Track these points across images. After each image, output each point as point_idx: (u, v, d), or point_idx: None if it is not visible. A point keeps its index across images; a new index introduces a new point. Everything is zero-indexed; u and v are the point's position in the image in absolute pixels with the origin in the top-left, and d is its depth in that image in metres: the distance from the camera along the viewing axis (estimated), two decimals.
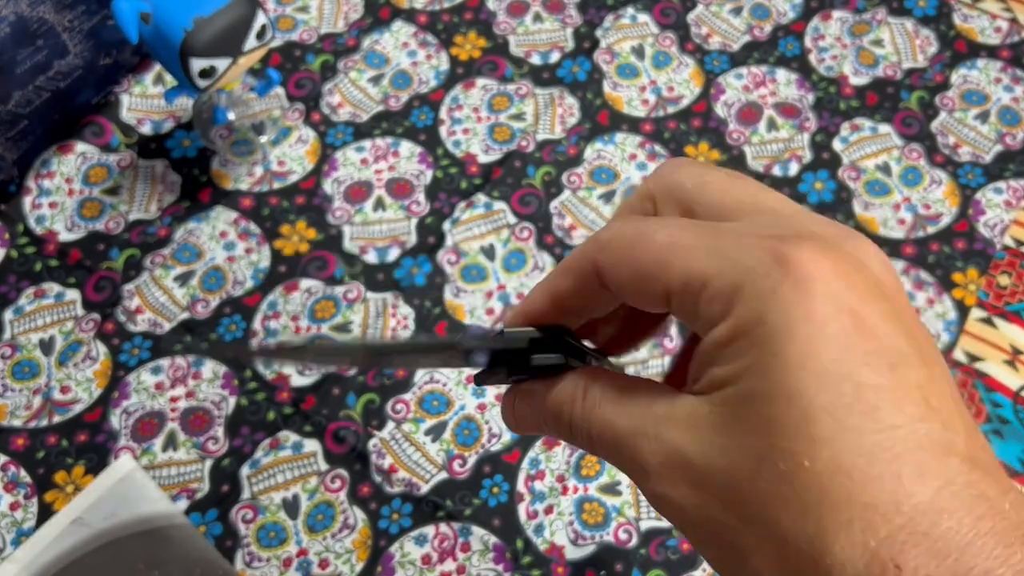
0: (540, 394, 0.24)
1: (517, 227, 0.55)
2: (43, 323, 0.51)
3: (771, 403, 0.17)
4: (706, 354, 0.19)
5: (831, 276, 0.18)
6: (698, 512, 0.18)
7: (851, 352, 0.17)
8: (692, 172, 0.22)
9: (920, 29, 0.62)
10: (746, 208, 0.21)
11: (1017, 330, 0.52)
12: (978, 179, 0.57)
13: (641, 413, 0.20)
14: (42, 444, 0.48)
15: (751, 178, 0.22)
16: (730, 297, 0.18)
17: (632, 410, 0.21)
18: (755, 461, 0.17)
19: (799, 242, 0.18)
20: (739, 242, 0.19)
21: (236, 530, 0.46)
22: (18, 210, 0.55)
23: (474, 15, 0.63)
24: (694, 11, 0.63)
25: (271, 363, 0.49)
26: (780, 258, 0.18)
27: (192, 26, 0.46)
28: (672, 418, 0.19)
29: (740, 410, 0.18)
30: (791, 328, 0.17)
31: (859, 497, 0.16)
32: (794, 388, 0.17)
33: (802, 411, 0.17)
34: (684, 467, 0.19)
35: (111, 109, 0.58)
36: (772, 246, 0.18)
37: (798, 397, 0.17)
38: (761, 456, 0.17)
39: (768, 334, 0.17)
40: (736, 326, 0.18)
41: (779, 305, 0.17)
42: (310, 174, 0.56)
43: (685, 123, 0.59)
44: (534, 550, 0.46)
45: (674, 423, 0.19)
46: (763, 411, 0.17)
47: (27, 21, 0.50)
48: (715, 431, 0.18)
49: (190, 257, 0.54)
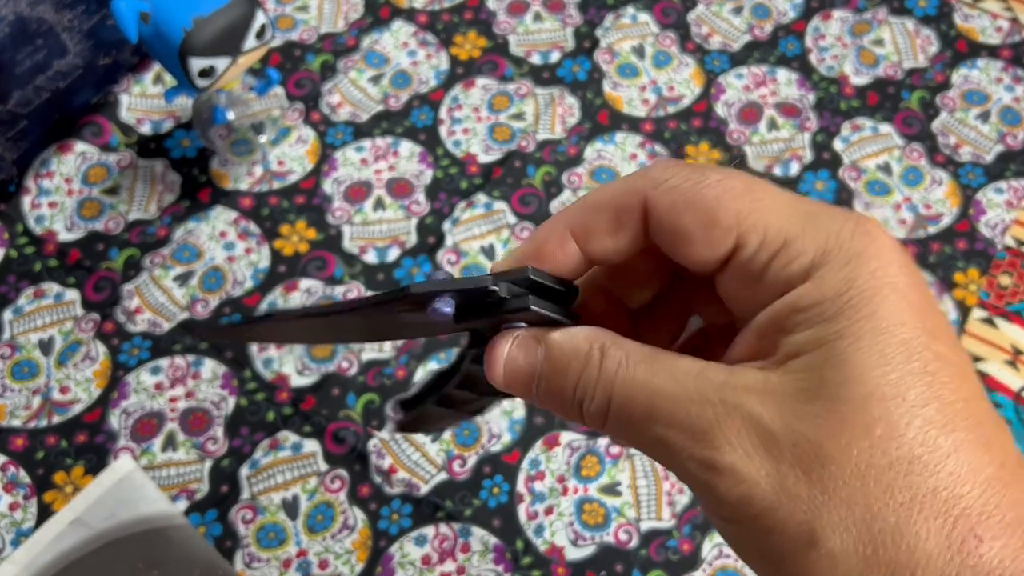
0: (547, 344, 0.21)
1: (517, 227, 0.55)
2: (42, 323, 0.51)
3: (864, 370, 0.17)
4: (779, 320, 0.18)
5: (898, 247, 0.18)
6: (773, 485, 0.17)
7: (925, 323, 0.18)
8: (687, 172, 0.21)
9: (921, 29, 0.62)
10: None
11: (1018, 330, 0.52)
12: (979, 179, 0.57)
13: (695, 379, 0.18)
14: (41, 444, 0.48)
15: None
16: (815, 259, 0.18)
17: (679, 375, 0.18)
18: (847, 429, 0.17)
19: (865, 217, 0.18)
20: (820, 208, 0.19)
21: (236, 531, 0.46)
22: (17, 210, 0.55)
23: (474, 15, 0.63)
24: (695, 11, 0.63)
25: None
26: (862, 227, 0.18)
27: (192, 26, 0.45)
28: (741, 386, 0.18)
29: (828, 375, 0.17)
30: (882, 293, 0.17)
31: (928, 481, 0.16)
32: (889, 355, 0.17)
33: (897, 382, 0.17)
34: (763, 436, 0.17)
35: (110, 109, 0.58)
36: (851, 215, 0.18)
37: (889, 366, 0.17)
38: (852, 425, 0.17)
39: (859, 298, 0.17)
40: (824, 288, 0.17)
41: (870, 268, 0.17)
42: (310, 174, 0.56)
43: (685, 123, 0.59)
44: (534, 551, 0.46)
45: (745, 390, 0.18)
46: (855, 376, 0.17)
47: (26, 21, 0.50)
48: (799, 399, 0.17)
49: (190, 257, 0.53)
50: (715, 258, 0.19)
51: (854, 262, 0.18)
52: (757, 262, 0.19)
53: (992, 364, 0.51)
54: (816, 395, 0.17)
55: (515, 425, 0.49)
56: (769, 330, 0.18)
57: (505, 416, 0.49)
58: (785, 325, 0.18)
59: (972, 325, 0.52)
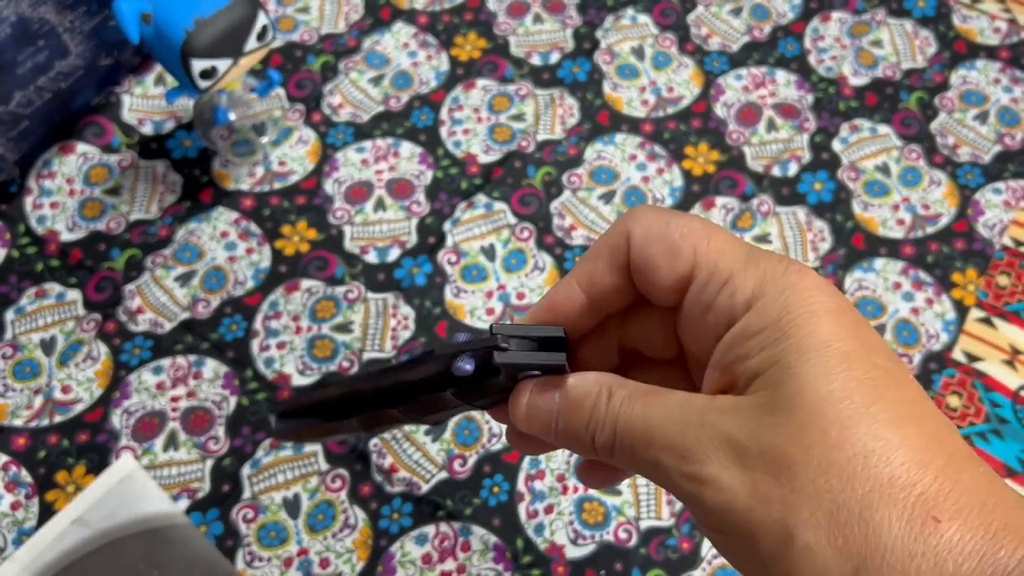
0: (564, 389, 0.23)
1: (517, 227, 0.55)
2: (44, 323, 0.51)
3: (812, 379, 0.19)
4: (733, 348, 0.21)
5: (824, 280, 0.21)
6: (748, 490, 0.19)
7: (860, 339, 0.20)
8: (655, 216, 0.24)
9: (919, 30, 0.62)
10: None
11: (1016, 330, 0.52)
12: (977, 179, 0.57)
13: (680, 407, 0.21)
14: (43, 444, 0.48)
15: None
16: (755, 291, 0.20)
17: (668, 405, 0.21)
18: (805, 433, 0.18)
19: (795, 260, 0.22)
20: (760, 251, 0.22)
21: (237, 530, 0.46)
22: (19, 210, 0.55)
23: (474, 16, 0.63)
24: (694, 12, 0.64)
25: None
26: (793, 265, 0.21)
27: (193, 27, 0.46)
28: (715, 409, 0.20)
29: (783, 389, 0.19)
30: (817, 316, 0.20)
31: (884, 471, 0.18)
32: (832, 366, 0.19)
33: (843, 387, 0.19)
34: (735, 449, 0.19)
35: (112, 109, 0.58)
36: (784, 257, 0.21)
37: (833, 374, 0.19)
38: (809, 429, 0.18)
39: (798, 320, 0.19)
40: (765, 316, 0.20)
41: (801, 297, 0.20)
42: (311, 174, 0.57)
43: (685, 124, 0.59)
44: (534, 549, 0.46)
45: (719, 412, 0.20)
46: (806, 386, 0.19)
47: (28, 22, 0.50)
48: (762, 412, 0.19)
49: (191, 257, 0.54)
50: (674, 285, 0.22)
51: (788, 291, 0.20)
52: (708, 293, 0.22)
53: (990, 364, 0.51)
54: (775, 407, 0.19)
55: None
56: (728, 360, 0.21)
57: None
58: (739, 353, 0.20)
59: (970, 325, 0.52)
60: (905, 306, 0.53)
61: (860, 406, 0.18)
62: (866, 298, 0.53)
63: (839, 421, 0.18)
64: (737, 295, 0.21)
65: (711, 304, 0.22)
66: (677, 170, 0.57)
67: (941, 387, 0.50)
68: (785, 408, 0.19)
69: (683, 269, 0.22)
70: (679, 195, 0.56)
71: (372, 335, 0.51)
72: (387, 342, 0.51)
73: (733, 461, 0.19)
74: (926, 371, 0.51)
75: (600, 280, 0.24)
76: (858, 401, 0.18)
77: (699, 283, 0.22)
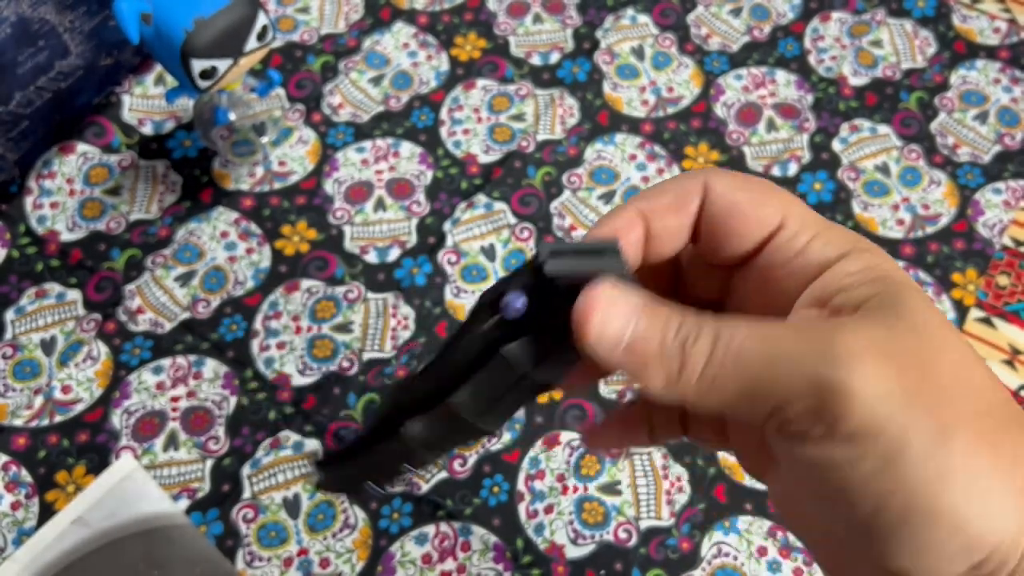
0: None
1: (517, 227, 0.55)
2: (44, 323, 0.51)
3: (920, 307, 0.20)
4: (833, 283, 0.21)
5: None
6: (899, 385, 0.18)
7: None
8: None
9: (919, 30, 0.63)
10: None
11: (1016, 330, 0.52)
12: (977, 179, 0.57)
13: (804, 321, 0.21)
14: (43, 444, 0.48)
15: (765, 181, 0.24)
16: (844, 248, 0.21)
17: (784, 323, 0.20)
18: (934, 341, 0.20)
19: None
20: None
21: (237, 530, 0.46)
22: (19, 210, 0.55)
23: (474, 16, 0.63)
24: (694, 12, 0.64)
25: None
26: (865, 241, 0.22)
27: (193, 27, 0.46)
28: (841, 322, 0.20)
29: (897, 309, 0.20)
30: (903, 279, 0.21)
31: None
32: (927, 302, 0.20)
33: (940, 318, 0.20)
34: (878, 348, 0.19)
35: (112, 109, 0.58)
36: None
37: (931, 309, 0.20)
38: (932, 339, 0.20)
39: (891, 275, 0.21)
40: (861, 263, 0.21)
41: (888, 262, 0.21)
42: (311, 174, 0.57)
43: (685, 124, 0.59)
44: (534, 549, 0.46)
45: (847, 323, 0.20)
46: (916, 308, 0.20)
47: (28, 22, 0.50)
48: (887, 322, 0.19)
49: (191, 257, 0.54)
50: (761, 234, 0.22)
51: (875, 253, 0.21)
52: (798, 241, 0.22)
53: (990, 364, 0.51)
54: (898, 320, 0.19)
55: (515, 424, 0.49)
56: (827, 295, 0.21)
57: None
58: (843, 285, 0.20)
59: (970, 325, 0.52)
60: None
61: (959, 337, 0.20)
62: None
63: (952, 341, 0.19)
64: (830, 247, 0.21)
65: (802, 252, 0.22)
66: (677, 170, 0.57)
67: None
68: (906, 321, 0.19)
69: (773, 217, 0.22)
70: None
71: (372, 335, 0.51)
72: (387, 342, 0.51)
73: (878, 359, 0.18)
74: None
75: (662, 219, 0.23)
76: (956, 335, 0.20)
77: (789, 232, 0.22)
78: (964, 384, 0.19)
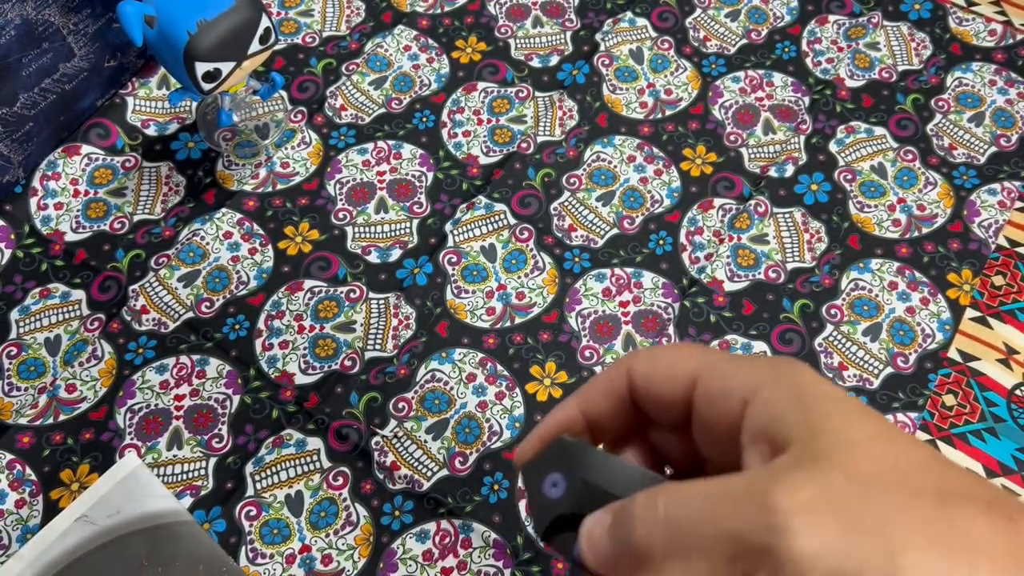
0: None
1: (517, 228, 0.56)
2: (49, 323, 0.52)
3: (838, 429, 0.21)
4: (755, 419, 0.22)
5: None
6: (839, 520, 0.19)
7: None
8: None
9: (915, 32, 0.63)
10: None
11: (1011, 330, 0.53)
12: (972, 180, 0.57)
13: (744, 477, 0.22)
14: (48, 442, 0.49)
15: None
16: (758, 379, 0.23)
17: (727, 480, 0.21)
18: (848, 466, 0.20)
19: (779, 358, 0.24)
20: (743, 356, 0.25)
21: (240, 527, 0.47)
22: (24, 211, 0.55)
23: (475, 19, 0.64)
24: (692, 15, 0.64)
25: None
26: (776, 359, 0.24)
27: (196, 30, 0.46)
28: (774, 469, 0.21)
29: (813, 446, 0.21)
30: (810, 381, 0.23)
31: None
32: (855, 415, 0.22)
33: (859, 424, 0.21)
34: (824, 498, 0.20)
35: (116, 111, 0.59)
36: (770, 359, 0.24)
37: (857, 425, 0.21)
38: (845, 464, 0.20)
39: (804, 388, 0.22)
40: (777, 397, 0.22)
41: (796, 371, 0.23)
42: (313, 176, 0.57)
43: (683, 126, 0.60)
44: (534, 546, 0.46)
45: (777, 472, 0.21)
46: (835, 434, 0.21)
47: (33, 24, 0.50)
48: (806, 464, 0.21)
49: (195, 257, 0.54)
50: (681, 394, 0.24)
51: (784, 373, 0.23)
52: (713, 388, 0.24)
53: (986, 363, 0.52)
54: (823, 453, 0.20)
55: (515, 423, 0.50)
56: (758, 429, 0.22)
57: (505, 414, 0.50)
58: (765, 419, 0.22)
59: (966, 325, 0.53)
60: (901, 306, 0.53)
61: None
62: (862, 298, 0.53)
63: (877, 445, 0.20)
64: (743, 384, 0.23)
65: (720, 395, 0.23)
66: (675, 171, 0.58)
67: (937, 386, 0.51)
68: (829, 448, 0.20)
69: (684, 378, 0.24)
70: (677, 196, 0.57)
71: (374, 334, 0.52)
72: (388, 341, 0.52)
73: (814, 513, 0.19)
74: (922, 370, 0.51)
75: (596, 404, 0.26)
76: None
77: (705, 381, 0.24)
78: (901, 489, 0.19)
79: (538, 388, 0.51)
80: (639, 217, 0.56)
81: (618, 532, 0.23)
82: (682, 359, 0.25)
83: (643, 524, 0.22)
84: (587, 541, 0.23)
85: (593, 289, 0.54)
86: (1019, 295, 0.54)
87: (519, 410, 0.50)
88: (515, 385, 0.51)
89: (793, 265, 0.55)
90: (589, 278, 0.54)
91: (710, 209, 0.57)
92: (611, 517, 0.23)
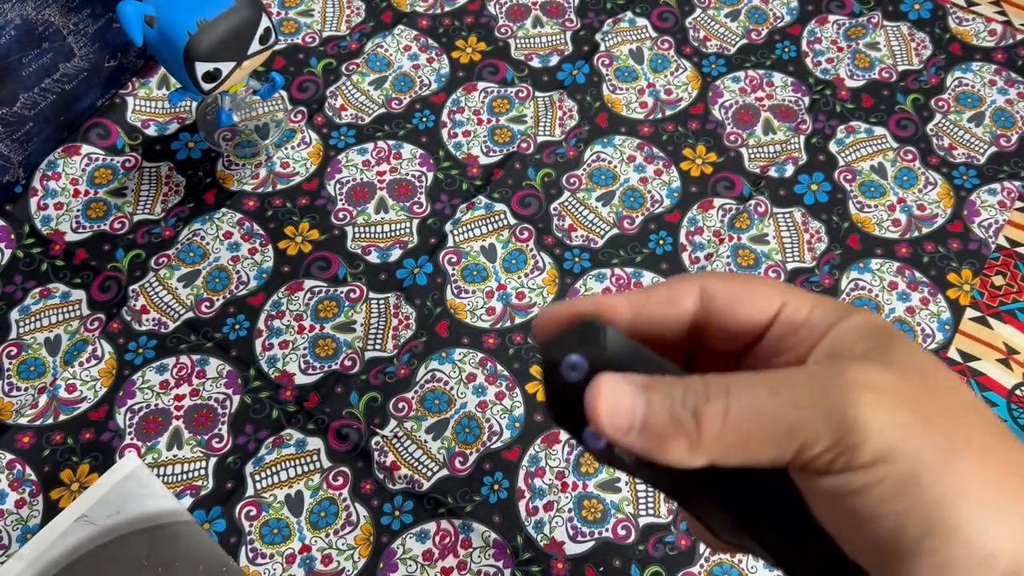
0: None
1: (517, 228, 0.56)
2: (49, 322, 0.52)
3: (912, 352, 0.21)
4: (837, 340, 0.22)
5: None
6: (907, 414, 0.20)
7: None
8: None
9: (915, 32, 0.63)
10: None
11: (1011, 330, 0.53)
12: (972, 180, 0.57)
13: (809, 368, 0.22)
14: (48, 442, 0.49)
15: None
16: (840, 313, 0.23)
17: (788, 372, 0.21)
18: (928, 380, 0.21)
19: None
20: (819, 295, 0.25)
21: (240, 527, 0.47)
22: (24, 211, 0.55)
23: (475, 19, 0.64)
24: (692, 15, 0.64)
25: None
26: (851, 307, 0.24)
27: (196, 30, 0.46)
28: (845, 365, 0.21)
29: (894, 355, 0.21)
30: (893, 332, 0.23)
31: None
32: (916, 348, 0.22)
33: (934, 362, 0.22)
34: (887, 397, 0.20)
35: (116, 111, 0.59)
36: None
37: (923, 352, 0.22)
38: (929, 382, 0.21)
39: (885, 325, 0.22)
40: (859, 320, 0.22)
41: (877, 319, 0.23)
42: (313, 176, 0.57)
43: (683, 126, 0.60)
44: (534, 546, 0.47)
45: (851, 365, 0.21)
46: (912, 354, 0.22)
47: (33, 24, 0.51)
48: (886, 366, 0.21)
49: (195, 258, 0.54)
50: (768, 313, 0.24)
51: (867, 313, 0.23)
52: (801, 314, 0.23)
53: (986, 363, 0.52)
54: (898, 359, 0.21)
55: (515, 423, 0.50)
56: (834, 349, 0.22)
57: (505, 414, 0.50)
58: (845, 340, 0.22)
59: (966, 325, 0.53)
60: (901, 306, 0.53)
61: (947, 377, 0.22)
62: (862, 298, 0.53)
63: (944, 374, 0.21)
64: (830, 313, 0.23)
65: (806, 320, 0.23)
66: (675, 171, 0.58)
67: None
68: (905, 360, 0.21)
69: (774, 300, 0.24)
70: (677, 196, 0.57)
71: (374, 334, 0.52)
72: (388, 341, 0.52)
73: (885, 392, 0.20)
74: None
75: (651, 309, 0.24)
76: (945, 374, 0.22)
77: (792, 307, 0.24)
78: (963, 409, 0.20)
79: (538, 388, 0.51)
80: (639, 217, 0.56)
81: (670, 402, 0.21)
82: (767, 286, 0.24)
83: (708, 392, 0.21)
84: (611, 409, 0.21)
85: (593, 289, 0.54)
86: (1019, 295, 0.54)
87: (519, 410, 0.50)
88: (515, 385, 0.51)
89: (793, 265, 0.55)
90: (589, 278, 0.54)
91: (710, 209, 0.57)
92: (657, 385, 0.21)
